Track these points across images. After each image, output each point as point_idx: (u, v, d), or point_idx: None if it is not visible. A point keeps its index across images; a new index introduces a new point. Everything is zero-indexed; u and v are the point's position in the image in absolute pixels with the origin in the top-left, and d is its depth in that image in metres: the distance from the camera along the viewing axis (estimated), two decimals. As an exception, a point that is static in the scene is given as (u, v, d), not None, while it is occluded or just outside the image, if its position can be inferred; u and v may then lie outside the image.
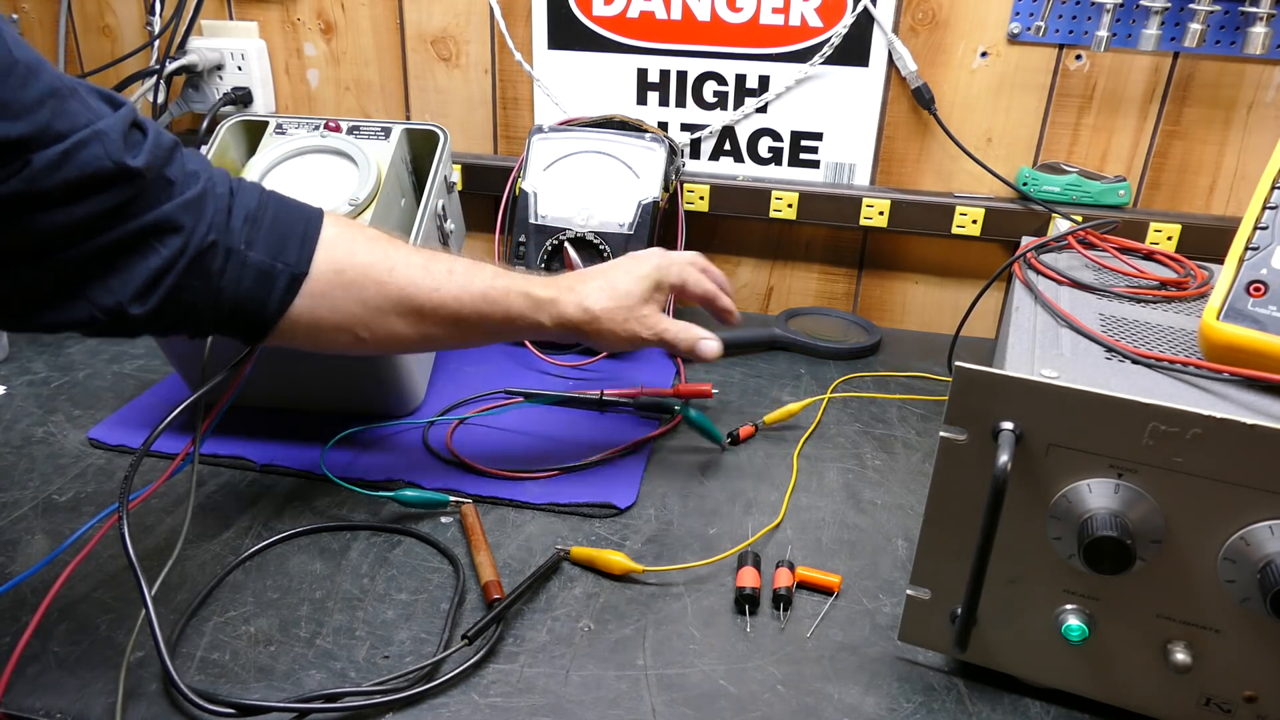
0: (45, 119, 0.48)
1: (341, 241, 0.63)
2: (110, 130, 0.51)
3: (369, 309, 0.63)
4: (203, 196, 0.57)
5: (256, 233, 0.59)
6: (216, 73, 1.19)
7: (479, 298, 0.66)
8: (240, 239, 0.59)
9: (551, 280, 0.71)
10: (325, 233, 0.62)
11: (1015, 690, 0.57)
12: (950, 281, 1.12)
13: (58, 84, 0.50)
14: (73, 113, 0.50)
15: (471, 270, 0.67)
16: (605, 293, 0.71)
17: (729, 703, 0.55)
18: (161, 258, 0.55)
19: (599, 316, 0.70)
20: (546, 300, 0.69)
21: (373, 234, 0.66)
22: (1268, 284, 0.57)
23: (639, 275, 0.73)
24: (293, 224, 0.61)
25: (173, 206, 0.55)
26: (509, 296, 0.67)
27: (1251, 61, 0.94)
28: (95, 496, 0.74)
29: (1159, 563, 0.49)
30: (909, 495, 0.77)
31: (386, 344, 0.66)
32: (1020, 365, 0.60)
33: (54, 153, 0.49)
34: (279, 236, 0.60)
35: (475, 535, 0.68)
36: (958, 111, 1.03)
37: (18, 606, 0.61)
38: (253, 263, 0.59)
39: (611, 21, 1.07)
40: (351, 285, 0.62)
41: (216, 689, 0.55)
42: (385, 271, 0.63)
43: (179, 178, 0.56)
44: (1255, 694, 0.50)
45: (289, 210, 0.62)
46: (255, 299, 0.60)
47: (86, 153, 0.50)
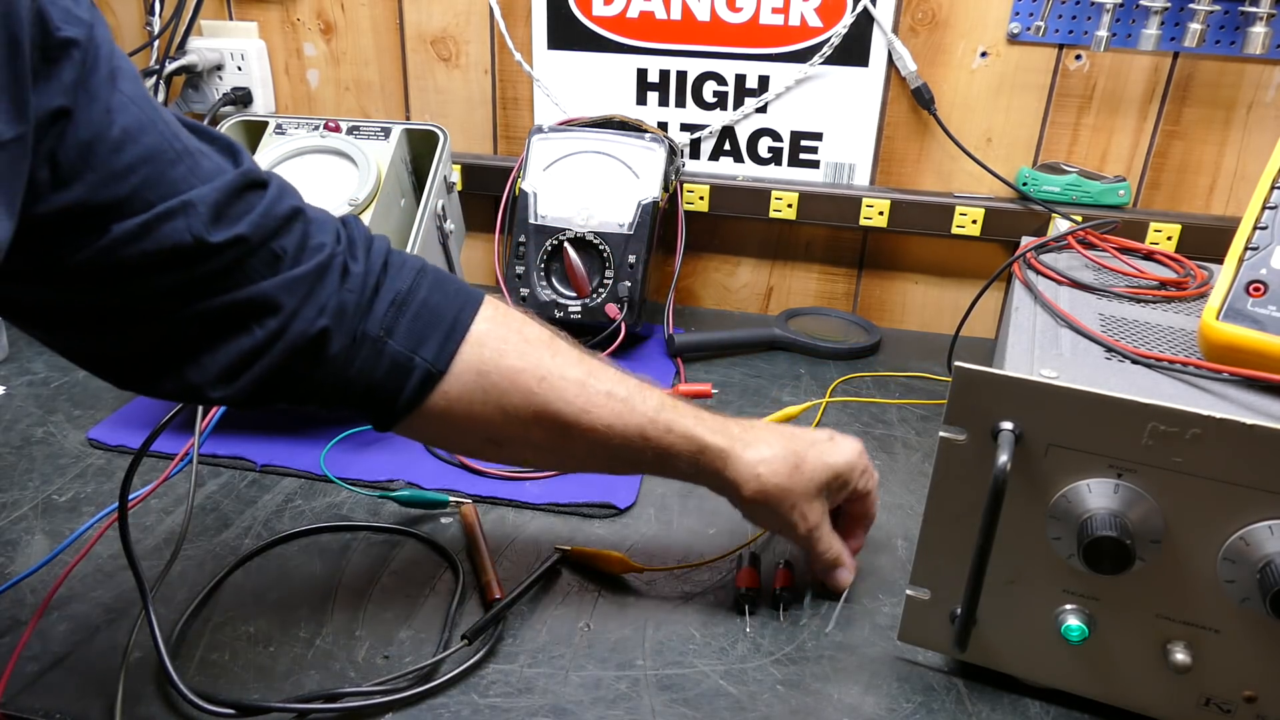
0: (133, 187, 0.45)
1: (491, 340, 0.56)
2: (202, 200, 0.47)
3: (508, 417, 0.56)
4: (319, 273, 0.52)
5: (399, 319, 0.54)
6: (216, 73, 1.19)
7: (635, 433, 0.57)
8: (379, 325, 0.54)
9: (722, 425, 0.60)
10: (476, 328, 0.56)
11: (1015, 690, 0.57)
12: (950, 281, 1.12)
13: (161, 148, 0.47)
14: (170, 180, 0.47)
15: (634, 397, 0.58)
16: (785, 467, 0.59)
17: (729, 703, 0.55)
18: (255, 339, 0.50)
19: (768, 492, 0.59)
20: (715, 450, 0.59)
21: (533, 334, 0.58)
22: (1267, 284, 0.57)
23: (827, 464, 0.61)
24: (441, 314, 0.55)
25: (272, 284, 0.50)
26: (669, 436, 0.58)
27: (1251, 61, 0.94)
28: (95, 496, 0.74)
29: (1159, 563, 0.49)
30: (909, 495, 0.77)
31: (520, 456, 0.60)
32: (1020, 365, 0.60)
33: (134, 224, 0.46)
34: (423, 326, 0.55)
35: (475, 535, 0.68)
36: (957, 111, 1.03)
37: (18, 606, 0.61)
38: (388, 352, 0.54)
39: (611, 21, 1.07)
40: (493, 390, 0.56)
41: (216, 689, 0.55)
42: (535, 381, 0.56)
43: (290, 251, 0.51)
44: (1255, 694, 0.50)
45: (442, 296, 0.56)
46: (386, 390, 0.55)
47: (168, 226, 0.46)
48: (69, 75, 0.43)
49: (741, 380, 0.97)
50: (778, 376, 0.98)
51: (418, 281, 0.56)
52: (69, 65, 0.43)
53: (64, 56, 0.43)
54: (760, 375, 0.98)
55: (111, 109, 0.45)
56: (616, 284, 0.97)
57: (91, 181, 0.45)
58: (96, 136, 0.45)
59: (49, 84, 0.43)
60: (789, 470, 0.59)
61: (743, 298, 1.19)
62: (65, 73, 0.43)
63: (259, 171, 0.51)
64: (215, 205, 0.48)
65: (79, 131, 0.44)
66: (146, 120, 0.47)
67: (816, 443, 0.62)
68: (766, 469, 0.59)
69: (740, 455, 0.59)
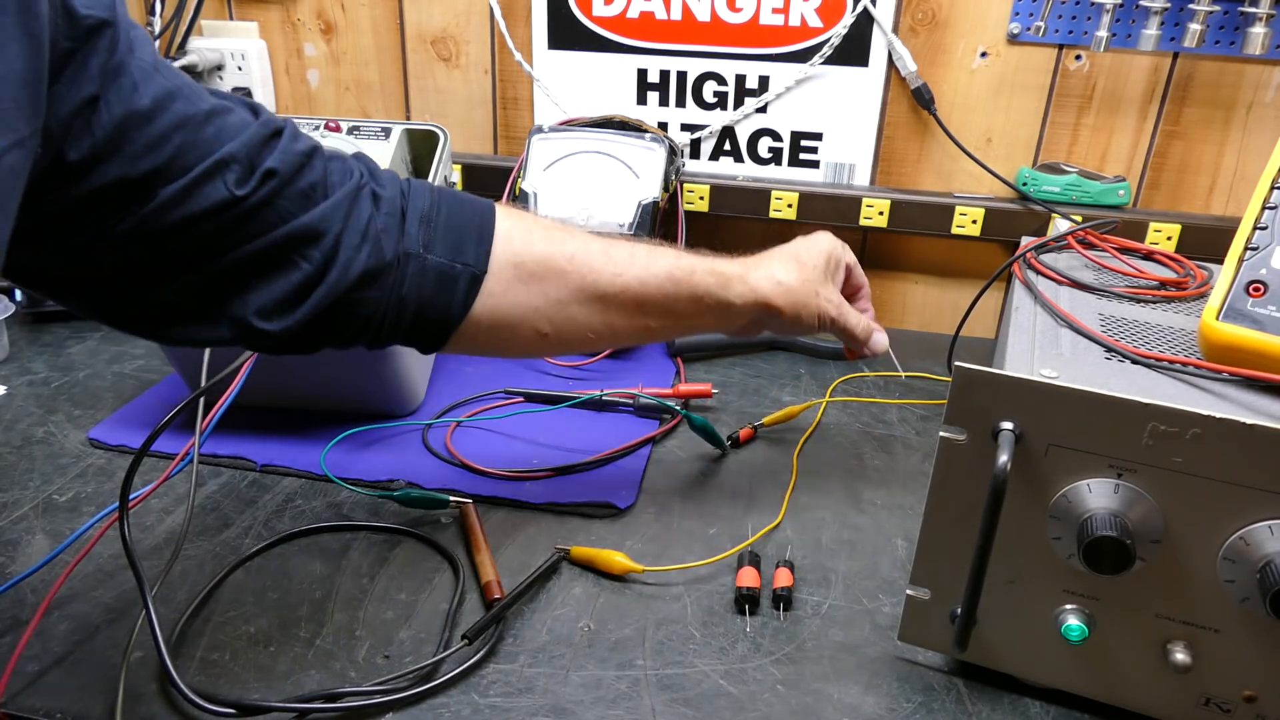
0: (169, 154, 0.47)
1: (517, 234, 0.60)
2: (233, 157, 0.49)
3: (550, 301, 0.60)
4: (351, 201, 0.54)
5: (433, 234, 0.57)
6: (217, 73, 1.19)
7: (664, 278, 0.63)
8: (418, 242, 0.56)
9: (729, 259, 0.68)
10: (500, 226, 0.60)
11: (1015, 690, 0.57)
12: (950, 281, 1.12)
13: (190, 112, 0.48)
14: (204, 141, 0.49)
15: (653, 252, 0.64)
16: (793, 266, 0.68)
17: (729, 703, 0.55)
18: (303, 272, 0.52)
19: (793, 291, 0.67)
20: (734, 276, 0.66)
21: (546, 223, 0.63)
22: (1267, 284, 0.57)
23: (819, 250, 0.71)
24: (467, 221, 0.59)
25: (309, 216, 0.52)
26: (695, 275, 0.64)
27: (1251, 61, 0.94)
28: (95, 496, 0.74)
29: (1159, 563, 0.49)
30: (909, 495, 0.77)
31: (570, 338, 0.63)
32: (1020, 365, 0.60)
33: (177, 188, 0.47)
34: (456, 236, 0.58)
35: (475, 535, 0.68)
36: (957, 111, 1.03)
37: (18, 606, 0.61)
38: (432, 266, 0.57)
39: (611, 21, 1.07)
40: (531, 278, 0.60)
41: (216, 689, 0.55)
42: (565, 260, 0.60)
43: (318, 185, 0.53)
44: (1255, 694, 0.50)
45: (462, 207, 0.60)
46: (438, 303, 0.57)
47: (209, 186, 0.48)
48: (96, 62, 0.44)
49: (741, 380, 0.97)
50: (778, 376, 0.98)
51: (436, 199, 0.59)
52: (96, 51, 0.44)
53: (90, 43, 0.44)
54: (760, 375, 0.98)
55: (137, 82, 0.46)
56: (616, 284, 0.97)
57: (129, 154, 0.46)
58: (127, 112, 0.46)
59: (78, 72, 0.43)
60: (798, 269, 0.68)
61: (743, 298, 1.19)
62: (93, 60, 0.44)
63: (274, 118, 0.54)
64: (247, 160, 0.50)
65: (111, 110, 0.45)
66: (172, 86, 0.48)
67: (799, 241, 0.72)
68: (783, 274, 0.67)
69: (756, 274, 0.67)
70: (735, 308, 0.66)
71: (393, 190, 0.57)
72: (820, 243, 0.72)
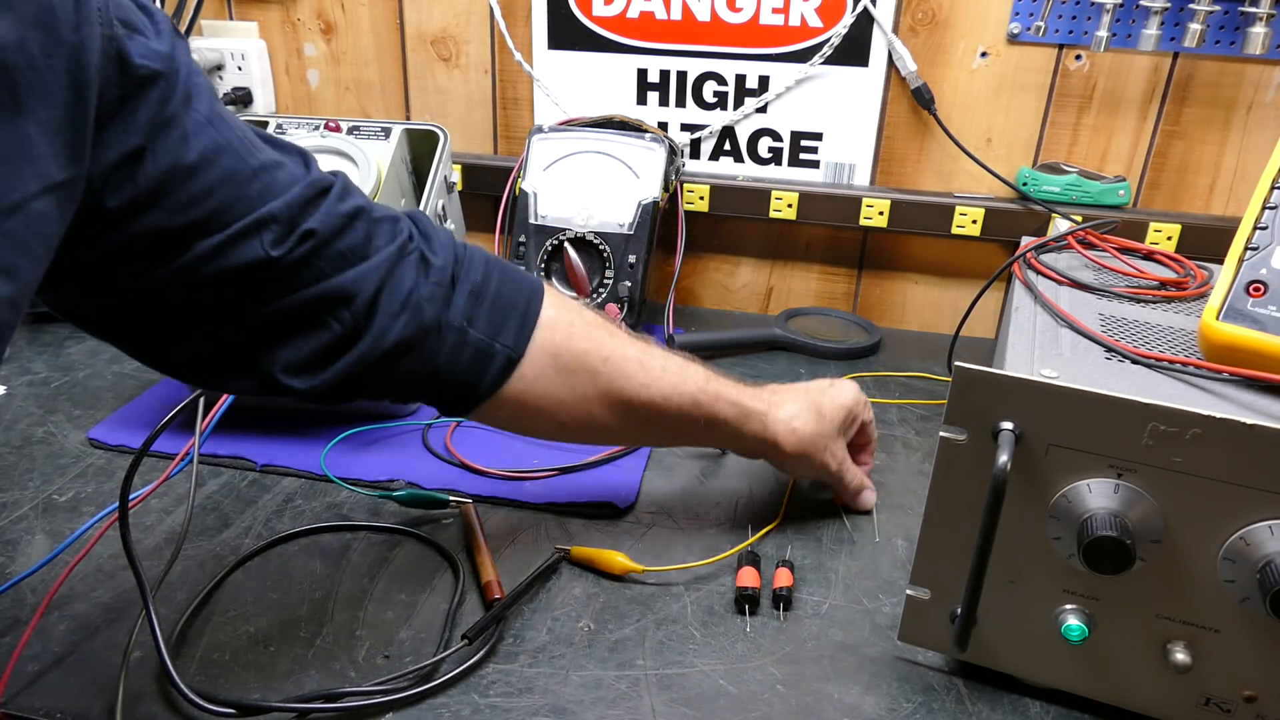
0: (211, 209, 0.47)
1: (560, 324, 0.60)
2: (274, 217, 0.49)
3: (577, 396, 0.61)
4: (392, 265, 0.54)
5: (478, 309, 0.57)
6: (217, 73, 1.19)
7: (689, 401, 0.64)
8: (462, 315, 0.57)
9: (755, 391, 0.68)
10: (545, 314, 0.60)
11: (1015, 690, 0.57)
12: (950, 281, 1.12)
13: (238, 168, 0.48)
14: (248, 198, 0.48)
15: (684, 370, 0.64)
16: (812, 417, 0.68)
17: (729, 703, 0.55)
18: (333, 333, 0.53)
19: (804, 441, 0.67)
20: (755, 413, 0.66)
21: (591, 318, 0.63)
22: (1267, 284, 0.57)
23: (840, 405, 0.70)
24: (514, 301, 0.59)
25: (344, 278, 0.52)
26: (718, 404, 0.65)
27: (1251, 61, 0.94)
28: (95, 496, 0.74)
29: (1159, 563, 0.49)
30: (909, 495, 0.77)
31: (584, 433, 0.64)
32: (1020, 365, 0.60)
33: (213, 243, 0.47)
34: (501, 314, 0.58)
35: (475, 535, 0.68)
36: (957, 111, 1.03)
37: (18, 606, 0.61)
38: (471, 341, 0.57)
39: (611, 21, 1.07)
40: (564, 370, 0.60)
41: (216, 689, 0.55)
42: (600, 360, 0.61)
43: (357, 248, 0.53)
44: (1255, 694, 0.50)
45: (512, 284, 0.60)
46: (469, 377, 0.58)
47: (245, 244, 0.48)
48: (146, 113, 0.44)
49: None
50: (778, 376, 0.98)
51: (489, 271, 0.59)
52: (147, 103, 0.44)
53: (142, 94, 0.44)
54: (760, 375, 0.98)
55: (188, 135, 0.46)
56: (617, 284, 0.97)
57: (168, 208, 0.46)
58: (173, 165, 0.45)
59: (126, 122, 0.43)
60: (815, 419, 0.68)
61: (743, 298, 1.19)
62: (142, 111, 0.44)
63: (324, 176, 0.53)
64: (287, 220, 0.50)
65: (157, 161, 0.45)
66: (223, 141, 0.48)
67: (825, 390, 0.71)
68: (800, 422, 0.67)
69: (776, 415, 0.67)
70: (747, 441, 0.68)
71: (445, 258, 0.57)
72: (844, 396, 0.71)
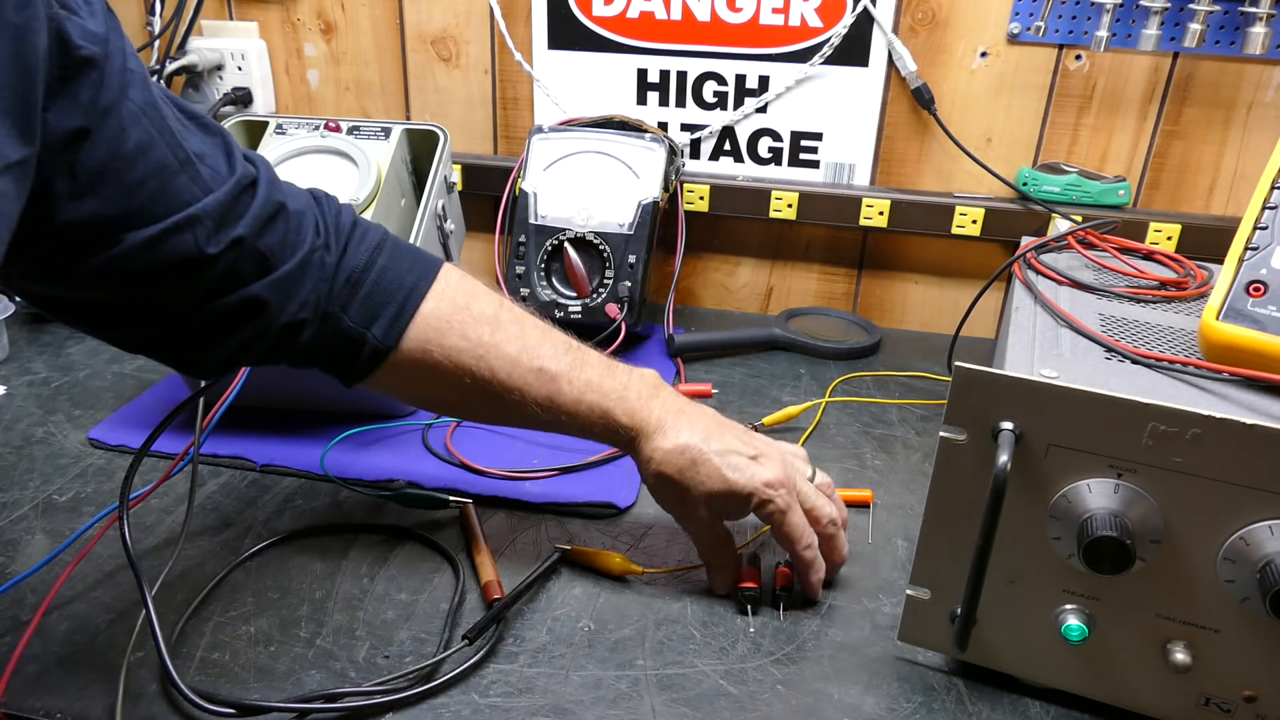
0: (143, 200, 0.48)
1: (436, 319, 0.60)
2: (206, 214, 0.51)
3: (450, 388, 0.61)
4: (301, 270, 0.56)
5: (354, 296, 0.58)
6: (216, 73, 1.19)
7: (560, 411, 0.61)
8: (337, 303, 0.58)
9: (644, 408, 0.62)
10: (425, 306, 0.60)
11: (1015, 690, 0.57)
12: (950, 281, 1.12)
13: (166, 161, 0.49)
14: (176, 191, 0.50)
15: (563, 376, 0.61)
16: (682, 461, 0.60)
17: (729, 703, 0.55)
18: (244, 335, 0.55)
19: (657, 481, 0.62)
20: (624, 437, 0.62)
21: (479, 310, 0.61)
22: (1267, 284, 0.57)
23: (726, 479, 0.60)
24: (394, 292, 0.59)
25: (261, 286, 0.54)
26: (591, 416, 0.61)
27: (1251, 61, 0.94)
28: (95, 496, 0.74)
29: (1159, 563, 0.49)
30: (909, 495, 0.77)
31: (463, 416, 0.65)
32: (1020, 365, 0.60)
33: (145, 236, 0.49)
34: (376, 304, 0.59)
35: (475, 535, 0.68)
36: (957, 111, 1.03)
37: (18, 606, 0.61)
38: (343, 327, 0.58)
39: (611, 21, 1.07)
40: (435, 366, 0.60)
41: (216, 689, 0.55)
42: (473, 360, 0.60)
43: (275, 249, 0.55)
44: (1255, 694, 0.50)
45: (396, 273, 0.60)
46: (338, 360, 0.60)
47: (177, 239, 0.50)
48: (87, 94, 0.45)
49: (741, 380, 0.97)
50: (778, 376, 0.98)
51: (373, 259, 0.59)
52: (87, 84, 0.44)
53: (82, 75, 0.44)
54: (760, 375, 0.98)
55: (125, 124, 0.47)
56: (617, 284, 0.97)
57: (106, 195, 0.47)
58: (111, 153, 0.46)
59: (68, 103, 0.44)
60: (684, 464, 0.60)
61: (743, 298, 1.19)
62: (84, 91, 0.44)
63: (248, 169, 0.54)
64: (217, 218, 0.52)
65: (98, 147, 0.46)
66: (155, 132, 0.49)
67: (734, 453, 0.60)
68: (661, 456, 0.61)
69: (648, 439, 0.61)
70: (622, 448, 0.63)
71: (337, 249, 0.58)
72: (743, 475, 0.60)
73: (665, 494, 0.63)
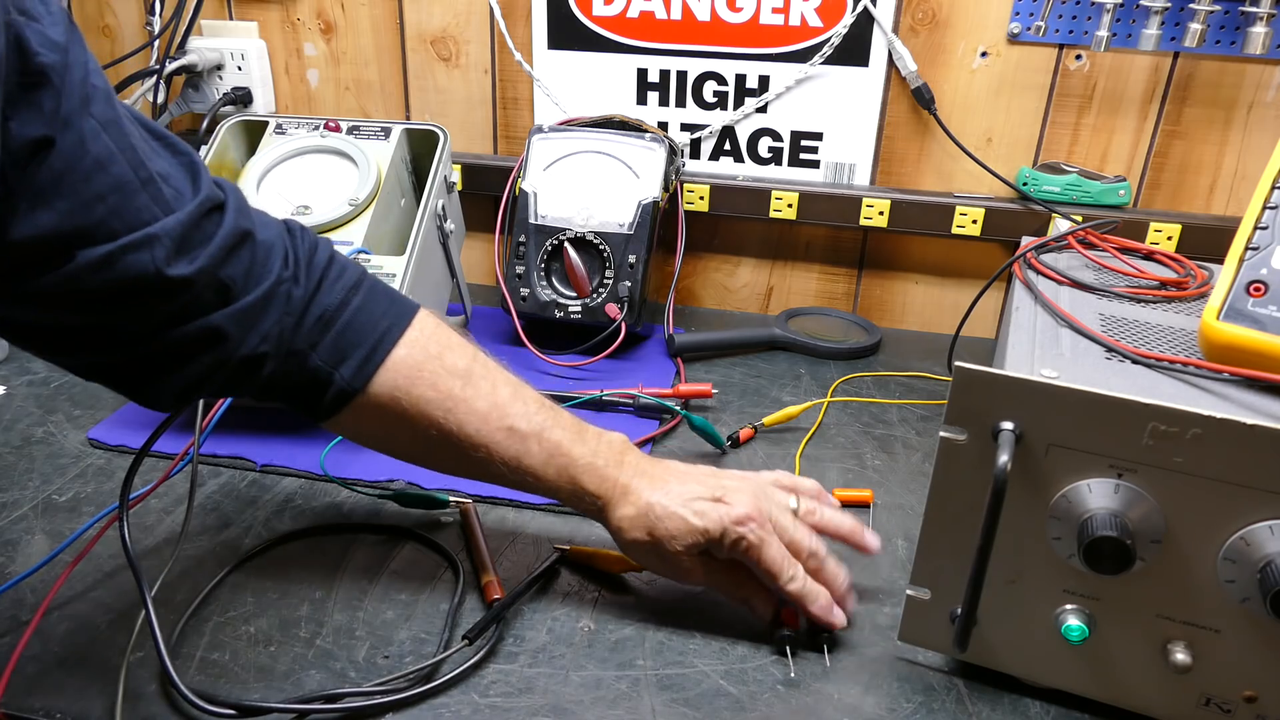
0: (99, 216, 0.46)
1: (407, 367, 0.58)
2: (166, 234, 0.48)
3: (415, 438, 0.59)
4: (264, 303, 0.54)
5: (324, 335, 0.56)
6: (216, 73, 1.19)
7: (526, 472, 0.60)
8: (306, 340, 0.56)
9: (614, 474, 0.60)
10: (396, 353, 0.58)
11: (1015, 690, 0.57)
12: (950, 281, 1.12)
13: (126, 178, 0.47)
14: (135, 209, 0.48)
15: (532, 437, 0.59)
16: (642, 530, 0.59)
17: (729, 702, 0.55)
18: (202, 366, 0.53)
19: (633, 550, 0.61)
20: (591, 506, 0.61)
21: (452, 362, 0.59)
22: (1268, 284, 0.57)
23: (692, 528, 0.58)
24: (365, 334, 0.57)
25: (221, 315, 0.52)
26: (558, 481, 0.60)
27: (1251, 61, 0.94)
28: (95, 496, 0.74)
29: (1159, 563, 0.49)
30: (909, 495, 0.77)
31: (427, 466, 0.63)
32: (1020, 365, 0.60)
33: (100, 253, 0.46)
34: (346, 345, 0.57)
35: (475, 535, 0.68)
36: (958, 111, 1.03)
37: (18, 606, 0.61)
38: (310, 366, 0.56)
39: (611, 21, 1.07)
40: (402, 415, 0.58)
41: (216, 689, 0.55)
42: (441, 413, 0.58)
43: (239, 280, 0.53)
44: (1255, 694, 0.50)
45: (369, 315, 0.58)
46: (302, 398, 0.58)
47: (133, 257, 0.47)
48: (49, 103, 0.44)
49: (741, 380, 0.97)
50: (778, 376, 0.98)
51: (348, 299, 0.58)
52: (48, 93, 0.44)
53: (43, 84, 0.43)
54: (760, 375, 0.98)
55: (84, 137, 0.46)
56: (617, 284, 0.97)
57: (63, 209, 0.45)
58: (70, 166, 0.45)
59: (31, 111, 0.43)
60: (650, 525, 0.59)
61: (743, 298, 1.19)
62: (45, 100, 0.43)
63: (215, 193, 0.53)
64: (178, 239, 0.49)
65: (58, 158, 0.44)
66: (115, 148, 0.47)
67: (697, 499, 0.59)
68: (629, 523, 0.60)
69: (615, 508, 0.60)
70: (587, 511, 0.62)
71: (310, 279, 0.57)
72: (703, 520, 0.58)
73: (646, 558, 0.61)
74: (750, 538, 0.58)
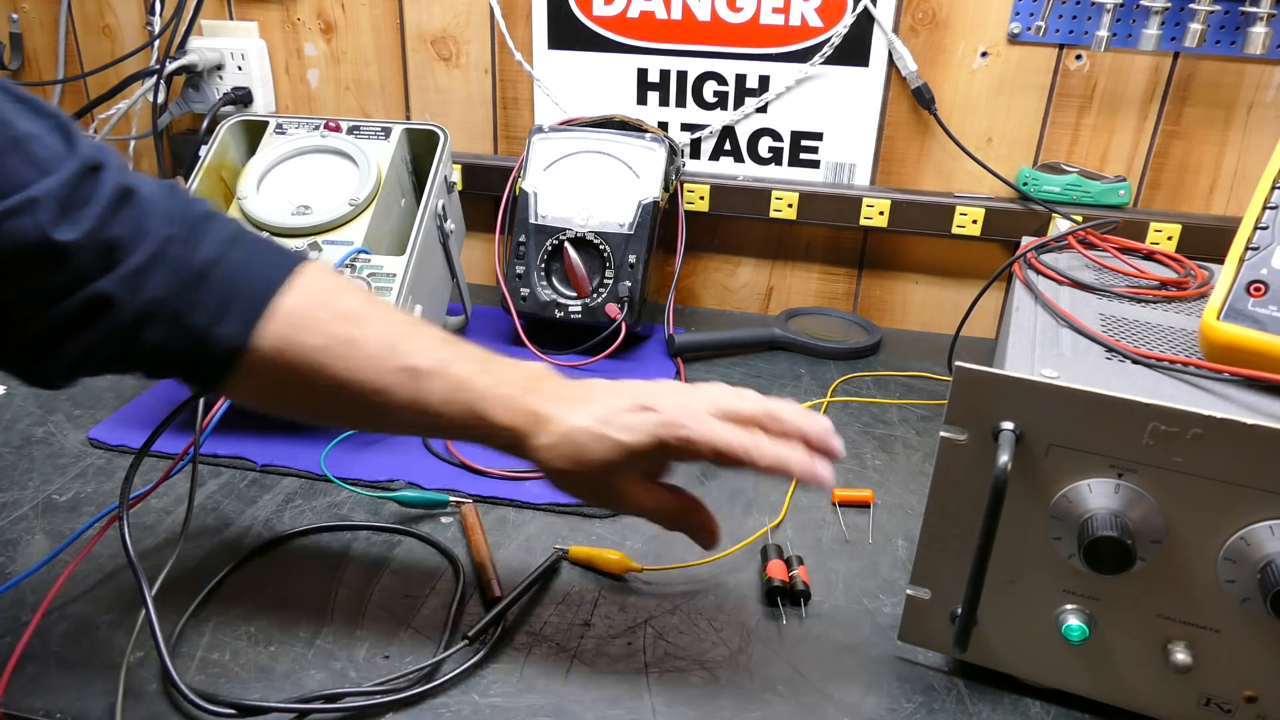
0: None
1: (295, 317, 0.53)
2: (47, 195, 0.45)
3: (309, 390, 0.55)
4: (151, 263, 0.50)
5: (202, 291, 0.52)
6: (216, 73, 1.19)
7: (430, 413, 0.54)
8: (185, 298, 0.51)
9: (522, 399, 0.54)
10: (284, 301, 0.53)
11: (1015, 690, 0.57)
12: (950, 281, 1.12)
13: None
14: (8, 173, 0.45)
15: (434, 373, 0.54)
16: (569, 454, 0.53)
17: (729, 702, 0.55)
18: (92, 337, 0.50)
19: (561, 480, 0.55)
20: (505, 439, 0.55)
21: (344, 306, 0.55)
22: (1268, 284, 0.57)
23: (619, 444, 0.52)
24: (246, 287, 0.53)
25: (109, 281, 0.49)
26: (466, 417, 0.54)
27: (1251, 61, 0.94)
28: (95, 496, 0.74)
29: (1159, 563, 0.49)
30: (909, 495, 0.77)
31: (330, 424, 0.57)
32: (1020, 365, 0.60)
33: None
34: (227, 299, 0.52)
35: (475, 535, 0.68)
36: (958, 111, 1.03)
37: (18, 606, 0.61)
38: (190, 325, 0.51)
39: (611, 21, 1.07)
40: (294, 370, 0.53)
41: (216, 689, 0.55)
42: (332, 359, 0.53)
43: (125, 242, 0.49)
44: (1255, 694, 0.50)
45: (253, 264, 0.54)
46: (189, 364, 0.53)
47: (13, 223, 0.44)
48: None
49: (741, 380, 0.97)
50: (778, 376, 0.98)
51: (224, 251, 0.53)
52: None
53: None
54: (760, 375, 0.98)
55: None
56: (617, 284, 0.97)
57: None
58: None
59: None
60: (573, 452, 0.53)
61: (743, 298, 1.19)
62: None
63: (93, 152, 0.50)
64: (61, 200, 0.47)
65: None
66: None
67: (622, 412, 0.53)
68: (549, 453, 0.53)
69: (529, 442, 0.54)
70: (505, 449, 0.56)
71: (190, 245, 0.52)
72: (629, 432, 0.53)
73: (576, 488, 0.55)
74: (692, 432, 0.52)
